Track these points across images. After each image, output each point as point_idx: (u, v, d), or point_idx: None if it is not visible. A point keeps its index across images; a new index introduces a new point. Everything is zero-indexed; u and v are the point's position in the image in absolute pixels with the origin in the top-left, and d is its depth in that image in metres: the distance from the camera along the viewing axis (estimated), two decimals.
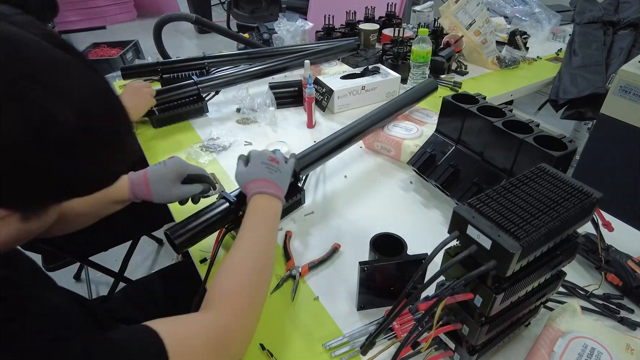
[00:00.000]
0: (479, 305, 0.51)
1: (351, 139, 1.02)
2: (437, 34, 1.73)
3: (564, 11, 2.25)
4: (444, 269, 0.50)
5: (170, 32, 4.43)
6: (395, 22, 1.93)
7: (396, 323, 0.64)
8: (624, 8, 1.99)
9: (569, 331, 0.61)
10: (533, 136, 0.78)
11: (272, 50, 1.57)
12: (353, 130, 1.03)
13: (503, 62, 1.72)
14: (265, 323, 0.69)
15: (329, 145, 0.98)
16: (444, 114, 0.97)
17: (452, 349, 0.60)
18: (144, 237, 1.40)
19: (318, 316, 0.71)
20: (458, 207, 0.51)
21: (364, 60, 1.61)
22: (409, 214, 0.94)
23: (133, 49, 3.55)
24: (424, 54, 1.43)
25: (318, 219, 0.92)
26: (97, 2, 4.71)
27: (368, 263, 0.67)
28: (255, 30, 2.46)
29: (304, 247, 0.84)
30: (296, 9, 3.24)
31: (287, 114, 1.36)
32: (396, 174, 1.07)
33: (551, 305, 0.70)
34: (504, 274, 0.47)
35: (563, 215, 0.49)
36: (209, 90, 1.31)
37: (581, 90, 1.54)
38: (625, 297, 0.73)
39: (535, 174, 0.56)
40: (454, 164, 0.92)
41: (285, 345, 0.66)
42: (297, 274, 0.77)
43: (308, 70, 1.35)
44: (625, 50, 1.70)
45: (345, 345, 0.65)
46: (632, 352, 0.59)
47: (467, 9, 1.63)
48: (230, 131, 1.24)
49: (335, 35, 1.80)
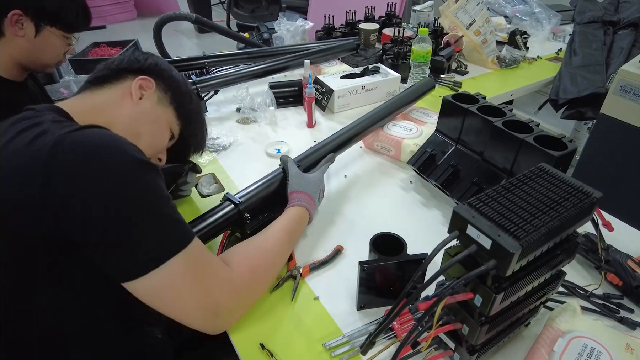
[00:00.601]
0: (479, 304, 0.51)
1: (350, 140, 1.02)
2: (437, 34, 1.73)
3: (564, 11, 2.25)
4: (443, 269, 0.50)
5: (170, 32, 4.43)
6: (395, 22, 1.93)
7: (396, 323, 0.64)
8: (624, 8, 1.99)
9: (568, 331, 0.61)
10: (533, 136, 0.78)
11: (272, 50, 1.57)
12: (351, 132, 1.03)
13: (503, 62, 1.72)
14: (265, 322, 0.69)
15: (328, 147, 0.98)
16: (444, 114, 0.97)
17: (452, 348, 0.60)
18: None
19: (318, 316, 0.71)
20: (458, 206, 0.51)
21: (364, 60, 1.61)
22: (408, 213, 0.94)
23: (133, 49, 3.55)
24: (424, 54, 1.43)
25: (318, 218, 0.92)
26: (97, 2, 4.71)
27: (368, 263, 0.67)
28: (255, 29, 2.46)
29: (303, 247, 0.84)
30: (296, 9, 3.24)
31: (287, 114, 1.36)
32: (396, 174, 1.07)
33: (551, 305, 0.70)
34: (504, 273, 0.47)
35: (563, 215, 0.49)
36: (208, 90, 1.31)
37: (581, 90, 1.54)
38: (625, 296, 0.73)
39: (535, 174, 0.56)
40: (453, 163, 0.92)
41: (285, 345, 0.66)
42: (297, 275, 0.77)
43: (308, 69, 1.35)
44: (626, 50, 1.70)
45: (345, 344, 0.65)
46: (632, 351, 0.58)
47: (467, 8, 1.63)
48: (230, 131, 1.24)
49: (335, 34, 1.80)
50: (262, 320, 0.70)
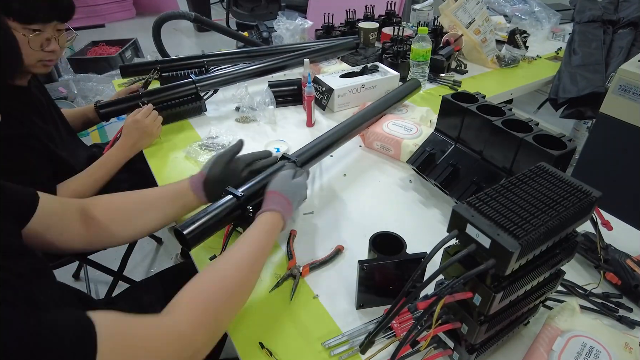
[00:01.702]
0: (478, 304, 0.51)
1: (340, 139, 1.04)
2: (436, 33, 1.72)
3: (563, 10, 2.25)
4: (443, 268, 0.50)
5: (169, 31, 4.43)
6: (395, 21, 1.93)
7: (395, 322, 0.64)
8: (623, 7, 1.99)
9: (567, 330, 0.61)
10: (532, 135, 0.78)
11: (272, 49, 1.57)
12: (342, 130, 1.05)
13: (503, 61, 1.72)
14: (265, 321, 0.69)
15: (320, 145, 0.99)
16: (444, 113, 0.97)
17: (451, 347, 0.60)
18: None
19: (317, 315, 0.71)
20: (457, 205, 0.51)
21: (363, 58, 1.61)
22: (408, 212, 0.94)
23: (132, 47, 3.55)
24: (424, 53, 1.43)
25: (317, 218, 0.92)
26: (96, 0, 4.71)
27: (367, 262, 0.67)
28: (255, 28, 2.46)
29: (303, 247, 0.84)
30: (296, 7, 3.24)
31: (286, 113, 1.36)
32: (395, 173, 1.07)
33: (550, 304, 0.70)
34: (503, 272, 0.47)
35: (562, 214, 0.49)
36: (207, 89, 1.31)
37: (581, 89, 1.54)
38: (624, 296, 0.73)
39: (535, 173, 0.56)
40: (453, 162, 0.92)
41: (285, 344, 0.66)
42: (297, 274, 0.77)
43: (307, 68, 1.34)
44: (625, 49, 1.70)
45: (344, 344, 0.65)
46: (631, 350, 0.59)
47: (466, 7, 1.63)
48: (230, 130, 1.24)
49: (334, 33, 1.80)
50: (262, 319, 0.70)
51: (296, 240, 0.86)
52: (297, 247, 0.84)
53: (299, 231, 0.88)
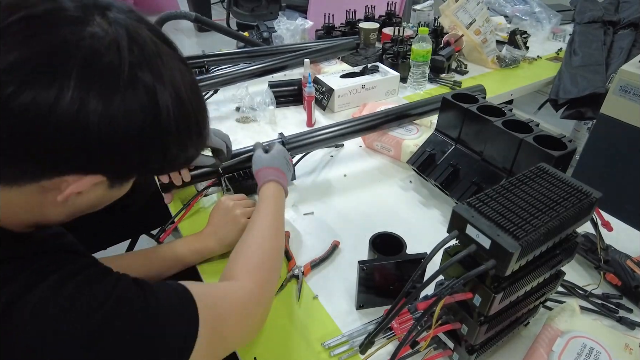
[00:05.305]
0: (478, 304, 0.51)
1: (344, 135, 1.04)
2: (437, 33, 1.72)
3: (564, 10, 2.25)
4: (443, 268, 0.50)
5: (169, 30, 4.41)
6: (395, 21, 1.92)
7: (395, 322, 0.64)
8: (624, 8, 1.99)
9: (567, 330, 0.61)
10: (533, 136, 0.78)
11: (272, 49, 1.56)
12: (351, 129, 1.04)
13: (503, 62, 1.72)
14: (267, 324, 0.69)
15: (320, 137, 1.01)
16: (444, 113, 0.97)
17: (451, 348, 0.60)
18: (142, 235, 1.39)
19: (317, 315, 0.71)
20: (457, 206, 0.51)
21: (363, 59, 1.60)
22: (408, 213, 0.94)
23: None
24: (424, 53, 1.42)
25: (317, 218, 0.92)
26: None
27: (367, 262, 0.67)
28: (255, 28, 2.46)
29: (304, 247, 0.84)
30: (296, 8, 3.23)
31: (286, 113, 1.36)
32: (396, 174, 1.07)
33: (550, 304, 0.70)
34: (503, 273, 0.47)
35: (562, 214, 0.49)
36: (207, 89, 1.31)
37: (581, 90, 1.54)
38: (624, 296, 0.73)
39: (535, 174, 0.56)
40: (453, 163, 0.92)
41: (284, 344, 0.66)
42: (300, 274, 0.77)
43: (308, 69, 1.34)
44: (626, 49, 1.70)
45: (344, 344, 0.65)
46: (631, 351, 0.59)
47: (467, 8, 1.63)
48: (230, 130, 1.24)
49: (335, 34, 1.80)
50: (266, 322, 0.70)
51: (296, 240, 0.86)
52: (298, 247, 0.84)
53: (298, 232, 0.88)
